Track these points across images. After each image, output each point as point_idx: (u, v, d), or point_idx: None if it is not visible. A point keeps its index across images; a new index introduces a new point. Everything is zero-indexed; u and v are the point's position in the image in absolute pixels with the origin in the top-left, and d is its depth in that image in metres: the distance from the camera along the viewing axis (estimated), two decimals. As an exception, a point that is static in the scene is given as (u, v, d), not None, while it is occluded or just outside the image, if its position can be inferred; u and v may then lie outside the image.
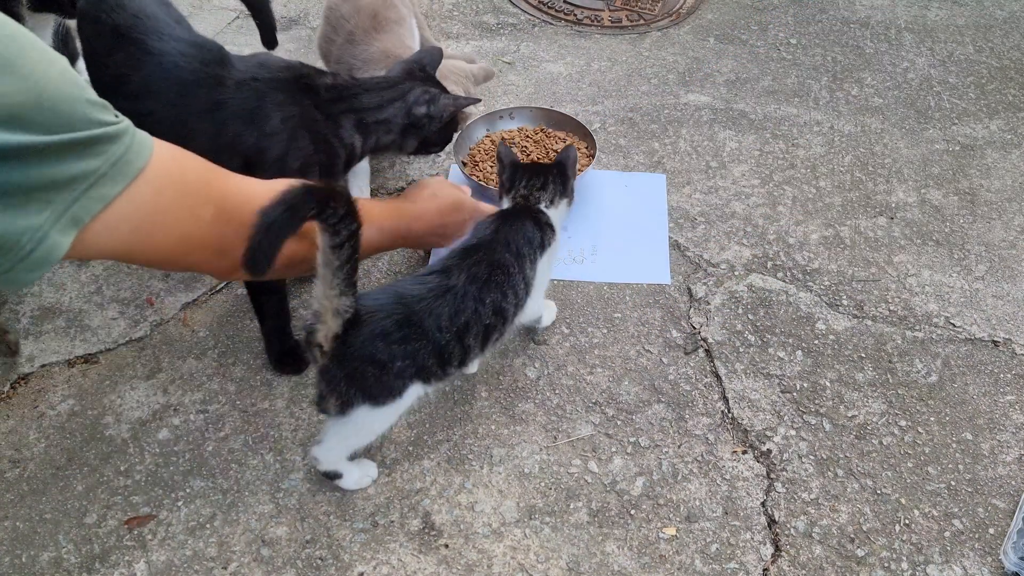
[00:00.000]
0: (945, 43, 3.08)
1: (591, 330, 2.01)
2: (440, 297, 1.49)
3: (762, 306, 2.07)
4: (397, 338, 1.43)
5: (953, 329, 2.03)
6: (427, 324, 1.47)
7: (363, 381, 1.43)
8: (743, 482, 1.71)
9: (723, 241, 2.25)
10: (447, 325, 1.49)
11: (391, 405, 1.48)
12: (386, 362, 1.43)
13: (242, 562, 1.56)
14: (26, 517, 1.62)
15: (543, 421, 1.81)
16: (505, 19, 3.14)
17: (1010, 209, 2.38)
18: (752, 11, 3.24)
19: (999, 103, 2.79)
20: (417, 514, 1.64)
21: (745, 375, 1.91)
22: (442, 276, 1.53)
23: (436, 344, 1.48)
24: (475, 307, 1.53)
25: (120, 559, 1.56)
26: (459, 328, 1.51)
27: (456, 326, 1.50)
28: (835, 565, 1.58)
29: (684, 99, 2.76)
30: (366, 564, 1.56)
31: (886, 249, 2.24)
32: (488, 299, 1.55)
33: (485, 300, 1.55)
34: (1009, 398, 1.88)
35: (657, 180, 2.42)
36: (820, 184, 2.45)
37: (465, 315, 1.51)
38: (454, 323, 1.50)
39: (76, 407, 1.81)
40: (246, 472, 1.70)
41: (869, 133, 2.65)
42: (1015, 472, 1.74)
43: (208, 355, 1.92)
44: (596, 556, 1.59)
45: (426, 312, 1.47)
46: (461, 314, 1.51)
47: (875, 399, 1.87)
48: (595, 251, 2.21)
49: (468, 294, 1.52)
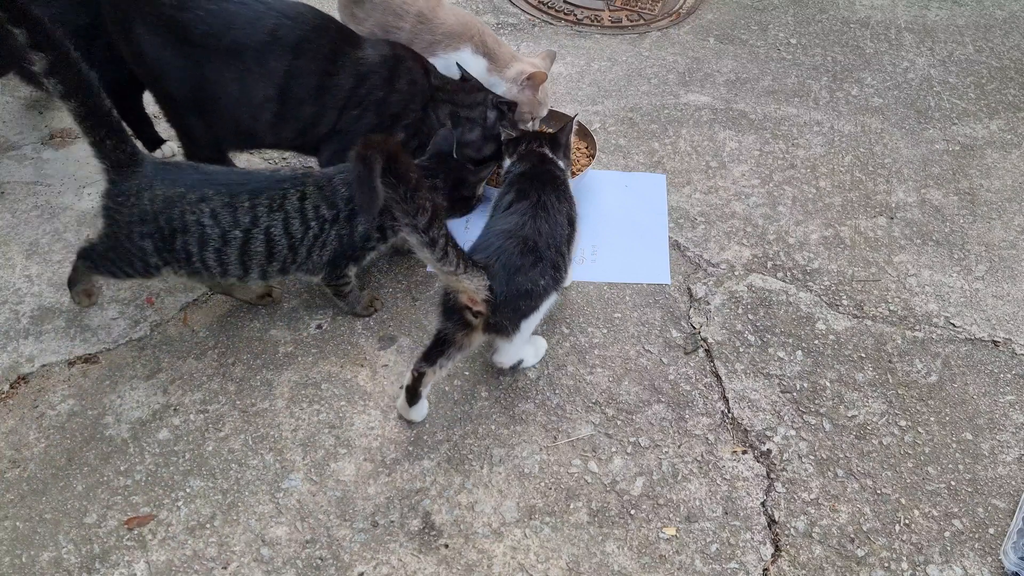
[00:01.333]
0: (945, 43, 3.08)
1: (591, 330, 2.01)
2: (533, 220, 1.74)
3: (762, 306, 2.07)
4: (528, 265, 1.68)
5: (953, 329, 2.03)
6: (540, 245, 1.71)
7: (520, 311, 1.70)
8: (743, 482, 1.71)
9: (723, 241, 2.25)
10: (551, 241, 1.74)
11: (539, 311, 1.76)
12: (531, 289, 1.69)
13: (242, 562, 1.56)
14: (26, 517, 1.62)
15: (543, 421, 1.81)
16: (505, 19, 3.14)
17: (1010, 209, 2.38)
18: (752, 11, 3.24)
19: (999, 103, 2.79)
20: (417, 514, 1.64)
21: (745, 375, 1.91)
22: (519, 206, 1.77)
23: (550, 260, 1.73)
24: (557, 220, 1.78)
25: (120, 559, 1.56)
26: (557, 242, 1.76)
27: (556, 240, 1.76)
28: (835, 565, 1.58)
29: (684, 99, 2.76)
30: (366, 564, 1.56)
31: (886, 249, 2.24)
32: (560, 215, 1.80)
33: (561, 214, 1.80)
34: (1009, 398, 1.88)
35: (657, 180, 2.42)
36: (820, 184, 2.45)
37: (557, 229, 1.77)
38: (555, 238, 1.76)
39: (76, 407, 1.81)
40: (246, 472, 1.70)
41: (869, 133, 2.65)
42: (1015, 472, 1.74)
43: (208, 355, 1.92)
44: (596, 556, 1.59)
45: (534, 234, 1.72)
46: (555, 229, 1.77)
47: (875, 399, 1.87)
48: (595, 251, 2.21)
49: (547, 213, 1.76)
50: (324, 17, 1.99)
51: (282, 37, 1.89)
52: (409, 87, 2.03)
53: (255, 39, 1.87)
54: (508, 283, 1.66)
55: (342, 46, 1.97)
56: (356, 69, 1.97)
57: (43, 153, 2.43)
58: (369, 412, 1.82)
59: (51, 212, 2.23)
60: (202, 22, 1.84)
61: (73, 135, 2.46)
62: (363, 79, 1.98)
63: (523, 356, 1.87)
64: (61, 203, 2.27)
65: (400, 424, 1.79)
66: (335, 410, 1.82)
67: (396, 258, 2.15)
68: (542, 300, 1.74)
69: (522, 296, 1.69)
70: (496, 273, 1.65)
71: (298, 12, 1.93)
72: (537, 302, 1.73)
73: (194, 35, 1.85)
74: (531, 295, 1.70)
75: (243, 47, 1.87)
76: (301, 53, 1.92)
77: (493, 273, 1.65)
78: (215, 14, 1.85)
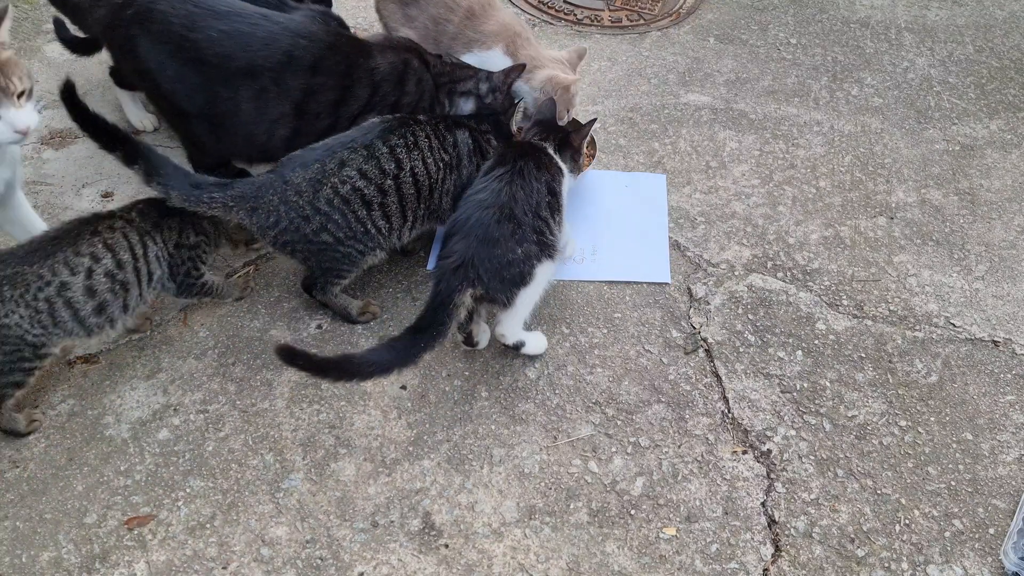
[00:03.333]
0: (945, 43, 3.07)
1: (591, 330, 2.01)
2: (509, 185, 1.78)
3: (762, 306, 2.07)
4: (508, 234, 1.73)
5: (953, 329, 2.03)
6: (516, 212, 1.76)
7: (507, 280, 1.74)
8: (743, 482, 1.71)
9: (723, 241, 2.25)
10: (528, 208, 1.78)
11: (533, 279, 1.79)
12: (512, 258, 1.73)
13: (242, 562, 1.56)
14: (26, 517, 1.62)
15: (543, 421, 1.81)
16: (505, 19, 3.13)
17: (1010, 209, 2.38)
18: (752, 11, 3.23)
19: (999, 103, 2.79)
20: (417, 514, 1.64)
21: (745, 375, 1.91)
22: (498, 174, 1.80)
23: (531, 225, 1.77)
24: (534, 186, 1.82)
25: (120, 559, 1.56)
26: (535, 207, 1.80)
27: (535, 206, 1.80)
28: (835, 565, 1.58)
29: (684, 99, 2.76)
30: (366, 564, 1.56)
31: (886, 249, 2.24)
32: (538, 183, 1.83)
33: (539, 181, 1.84)
34: (1009, 398, 1.88)
35: (657, 180, 2.42)
36: (820, 184, 2.45)
37: (534, 195, 1.81)
38: (532, 204, 1.80)
39: (76, 407, 1.81)
40: (246, 472, 1.70)
41: (869, 133, 2.65)
42: (1015, 472, 1.74)
43: (208, 355, 1.92)
44: (596, 556, 1.59)
45: (511, 200, 1.77)
46: (531, 195, 1.80)
47: (875, 399, 1.87)
48: (595, 251, 2.21)
49: (524, 180, 1.81)
50: (334, 32, 2.03)
51: (299, 57, 1.93)
52: (417, 86, 2.10)
53: (272, 60, 1.91)
54: (488, 255, 1.70)
55: (355, 59, 2.01)
56: (371, 78, 2.02)
57: (43, 153, 2.43)
58: (369, 412, 1.82)
59: (51, 212, 2.23)
60: (215, 43, 1.87)
61: (73, 135, 2.46)
62: (377, 87, 2.03)
63: (524, 339, 1.88)
64: (61, 203, 2.27)
65: (400, 424, 1.79)
66: (335, 410, 1.82)
67: (396, 258, 2.15)
68: (530, 267, 1.76)
69: (505, 266, 1.72)
70: (473, 246, 1.71)
71: (310, 31, 1.96)
72: (522, 269, 1.75)
73: (206, 55, 1.87)
74: (513, 263, 1.73)
75: (260, 68, 1.90)
76: (319, 71, 1.96)
77: (471, 246, 1.71)
78: (229, 35, 1.88)
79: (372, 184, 1.83)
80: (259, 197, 1.79)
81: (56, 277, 1.65)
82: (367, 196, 1.83)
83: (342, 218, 1.83)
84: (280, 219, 1.80)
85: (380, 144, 1.85)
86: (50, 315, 1.66)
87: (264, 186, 1.80)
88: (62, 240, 1.69)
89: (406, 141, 1.88)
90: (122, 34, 1.91)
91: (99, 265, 1.70)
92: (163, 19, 1.86)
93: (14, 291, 1.62)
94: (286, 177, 1.80)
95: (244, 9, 1.93)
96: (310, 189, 1.79)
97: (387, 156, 1.85)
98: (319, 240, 1.84)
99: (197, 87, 1.91)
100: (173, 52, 1.88)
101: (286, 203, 1.79)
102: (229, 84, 1.91)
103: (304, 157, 1.83)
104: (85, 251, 1.69)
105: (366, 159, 1.83)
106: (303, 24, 1.98)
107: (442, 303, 1.68)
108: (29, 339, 1.66)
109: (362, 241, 1.88)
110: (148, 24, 1.87)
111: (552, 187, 1.88)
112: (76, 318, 1.69)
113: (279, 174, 1.81)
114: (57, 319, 1.67)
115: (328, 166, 1.80)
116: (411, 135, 1.89)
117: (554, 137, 2.01)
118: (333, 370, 1.67)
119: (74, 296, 1.67)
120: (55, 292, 1.65)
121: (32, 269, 1.64)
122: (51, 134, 2.48)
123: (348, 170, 1.81)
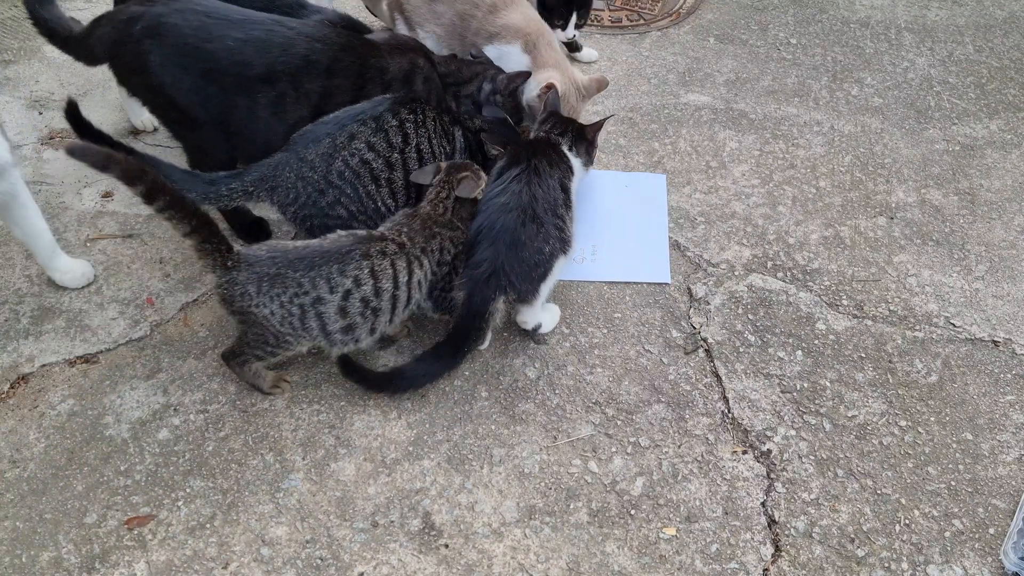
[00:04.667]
0: (945, 43, 3.08)
1: (591, 330, 2.01)
2: (528, 185, 1.83)
3: (762, 306, 2.07)
4: (533, 235, 1.80)
5: (953, 329, 2.03)
6: (539, 212, 1.82)
7: (534, 279, 1.83)
8: (743, 482, 1.71)
9: (723, 241, 2.25)
10: (548, 207, 1.84)
11: (552, 274, 1.87)
12: (539, 258, 1.81)
13: (242, 562, 1.56)
14: (26, 517, 1.62)
15: (543, 421, 1.81)
16: (505, 19, 3.13)
17: (1010, 209, 2.38)
18: (752, 11, 3.23)
19: (999, 103, 2.79)
20: (417, 514, 1.64)
21: (745, 375, 1.91)
22: (515, 175, 1.85)
23: (552, 224, 1.84)
24: (550, 184, 1.88)
25: (120, 559, 1.56)
26: (553, 204, 1.86)
27: (553, 204, 1.86)
28: (835, 565, 1.58)
29: (684, 99, 2.76)
30: (366, 564, 1.56)
31: (886, 249, 2.24)
32: (552, 179, 1.89)
33: (553, 178, 1.90)
34: (1009, 398, 1.88)
35: (657, 180, 2.42)
36: (820, 184, 2.45)
37: (551, 192, 1.87)
38: (551, 202, 1.86)
39: (76, 407, 1.81)
40: (246, 472, 1.70)
41: (869, 133, 2.65)
42: (1015, 472, 1.74)
43: (208, 355, 1.92)
44: (596, 556, 1.59)
45: (532, 201, 1.82)
46: (549, 192, 1.86)
47: (875, 399, 1.87)
48: (595, 251, 2.21)
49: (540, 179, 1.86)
50: (345, 35, 2.04)
51: (316, 61, 1.94)
52: (425, 85, 2.13)
53: (291, 65, 1.91)
54: (517, 260, 1.78)
55: (367, 59, 2.03)
56: (382, 78, 2.05)
57: (43, 153, 2.43)
58: (369, 412, 1.82)
59: (51, 212, 2.23)
60: (232, 52, 1.87)
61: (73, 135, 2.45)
62: (388, 87, 2.06)
63: (541, 320, 1.94)
64: (61, 203, 2.27)
65: (400, 424, 1.79)
66: (335, 410, 1.82)
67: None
68: (552, 263, 1.85)
69: (532, 267, 1.81)
70: (502, 253, 1.78)
71: (323, 34, 1.98)
72: (547, 267, 1.84)
73: (224, 64, 1.87)
74: (539, 263, 1.82)
75: (278, 74, 1.91)
76: (335, 73, 1.97)
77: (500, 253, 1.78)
78: (246, 43, 1.88)
79: (380, 157, 1.89)
80: (277, 176, 1.84)
81: (315, 290, 1.68)
82: (375, 170, 1.89)
83: (353, 191, 1.88)
84: (299, 195, 1.85)
85: (390, 116, 1.89)
86: (300, 320, 1.70)
87: (280, 164, 1.84)
88: (331, 255, 1.70)
89: (415, 117, 1.93)
90: (131, 50, 1.87)
91: (358, 290, 1.71)
92: (175, 32, 1.84)
93: (273, 289, 1.66)
94: (300, 153, 1.84)
95: (257, 16, 1.93)
96: (323, 164, 1.84)
97: (396, 129, 1.90)
98: (335, 214, 1.88)
99: (213, 97, 1.90)
100: (188, 64, 1.86)
101: (303, 179, 1.84)
102: (247, 92, 1.91)
103: (315, 132, 1.87)
104: (350, 272, 1.69)
105: (375, 131, 1.87)
106: (316, 27, 2.00)
107: (478, 312, 1.77)
108: (274, 331, 1.70)
109: (372, 219, 1.91)
110: (159, 38, 1.84)
111: (564, 184, 1.94)
112: (323, 331, 1.72)
113: (293, 151, 1.85)
114: (306, 325, 1.71)
115: (339, 140, 1.85)
116: (420, 112, 1.95)
117: (570, 130, 2.06)
118: (388, 385, 1.82)
119: (326, 312, 1.70)
120: (310, 303, 1.68)
121: (295, 275, 1.66)
122: (51, 134, 2.49)
123: (357, 143, 1.86)
